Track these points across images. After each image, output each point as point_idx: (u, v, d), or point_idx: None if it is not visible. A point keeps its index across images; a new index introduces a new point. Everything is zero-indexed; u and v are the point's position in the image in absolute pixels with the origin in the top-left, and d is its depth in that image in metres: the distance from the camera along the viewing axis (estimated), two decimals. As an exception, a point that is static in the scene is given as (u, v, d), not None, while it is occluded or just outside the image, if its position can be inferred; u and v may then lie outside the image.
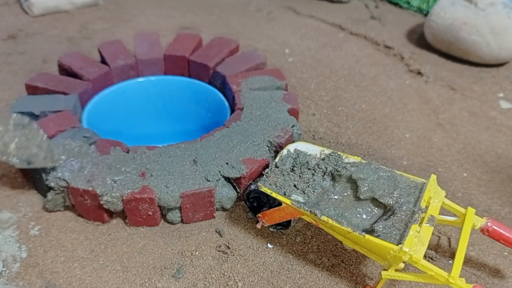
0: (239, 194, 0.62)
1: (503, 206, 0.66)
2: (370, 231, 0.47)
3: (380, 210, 0.50)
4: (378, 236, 0.45)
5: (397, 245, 0.43)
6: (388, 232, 0.45)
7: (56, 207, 0.60)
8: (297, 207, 0.48)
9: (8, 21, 1.11)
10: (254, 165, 0.60)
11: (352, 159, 0.53)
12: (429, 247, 0.59)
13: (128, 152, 0.62)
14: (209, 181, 0.58)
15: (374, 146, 0.77)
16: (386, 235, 0.45)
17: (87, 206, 0.58)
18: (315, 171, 0.54)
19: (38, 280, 0.52)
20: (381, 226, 0.46)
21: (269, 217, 0.56)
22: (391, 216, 0.47)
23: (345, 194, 0.52)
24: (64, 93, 0.72)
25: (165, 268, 0.54)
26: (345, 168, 0.52)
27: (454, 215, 0.52)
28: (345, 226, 0.45)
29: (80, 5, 1.21)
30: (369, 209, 0.50)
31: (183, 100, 0.82)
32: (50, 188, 0.58)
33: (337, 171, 0.52)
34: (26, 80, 0.73)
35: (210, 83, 0.81)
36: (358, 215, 0.50)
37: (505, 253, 0.58)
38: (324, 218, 0.46)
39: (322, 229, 0.53)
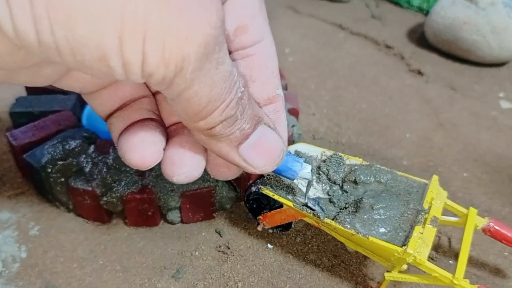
0: (239, 194, 0.61)
1: (503, 206, 0.66)
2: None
3: None
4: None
5: (401, 246, 0.42)
6: (393, 234, 0.45)
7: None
8: (300, 209, 0.47)
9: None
10: (254, 165, 0.60)
11: (353, 160, 0.53)
12: (429, 248, 0.59)
13: (128, 152, 0.62)
14: (209, 181, 0.58)
15: (374, 146, 0.77)
16: (390, 237, 0.44)
17: (87, 206, 0.58)
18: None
19: (38, 280, 0.52)
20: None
21: (270, 219, 0.56)
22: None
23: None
24: (64, 93, 0.71)
25: (165, 268, 0.54)
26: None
27: (455, 215, 0.52)
28: (348, 228, 0.45)
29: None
30: None
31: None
32: (52, 188, 0.58)
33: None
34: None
35: (210, 82, 0.80)
36: None
37: (506, 253, 0.58)
38: (327, 220, 0.45)
39: (323, 230, 0.53)
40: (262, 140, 0.29)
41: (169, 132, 0.31)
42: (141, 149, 0.29)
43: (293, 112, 0.72)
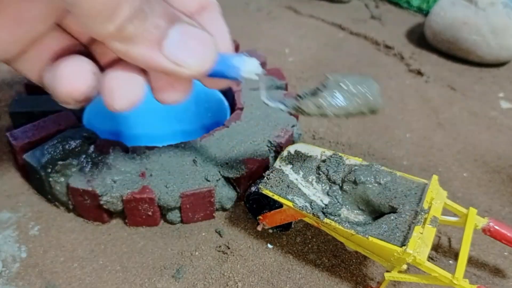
0: (239, 194, 0.62)
1: (503, 206, 0.66)
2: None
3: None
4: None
5: (401, 246, 0.42)
6: (392, 234, 0.45)
7: None
8: (299, 209, 0.47)
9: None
10: (254, 165, 0.60)
11: (353, 160, 0.53)
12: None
13: (128, 152, 0.62)
14: (209, 181, 0.58)
15: (374, 146, 0.77)
16: (389, 237, 0.44)
17: (87, 206, 0.58)
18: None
19: (38, 280, 0.52)
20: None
21: (270, 219, 0.56)
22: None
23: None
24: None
25: (165, 268, 0.54)
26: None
27: (455, 215, 0.52)
28: (348, 228, 0.45)
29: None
30: None
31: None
32: (51, 187, 0.58)
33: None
34: (26, 80, 0.73)
35: (210, 82, 0.80)
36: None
37: (506, 253, 0.58)
38: (327, 220, 0.46)
39: (323, 230, 0.53)
40: (185, 36, 0.27)
41: (105, 68, 0.30)
42: (71, 74, 0.27)
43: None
